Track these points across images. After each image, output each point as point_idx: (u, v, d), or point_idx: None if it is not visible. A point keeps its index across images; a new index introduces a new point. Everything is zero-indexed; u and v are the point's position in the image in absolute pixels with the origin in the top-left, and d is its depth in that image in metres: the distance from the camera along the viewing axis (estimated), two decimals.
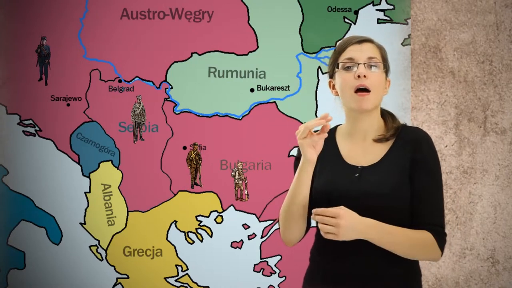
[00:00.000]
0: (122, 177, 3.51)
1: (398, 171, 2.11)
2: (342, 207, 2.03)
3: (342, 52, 2.17)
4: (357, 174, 2.12)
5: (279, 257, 3.54)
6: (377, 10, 3.55)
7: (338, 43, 2.22)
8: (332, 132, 2.24)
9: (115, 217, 3.52)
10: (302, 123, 3.52)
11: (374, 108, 2.15)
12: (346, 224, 2.00)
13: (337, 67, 2.15)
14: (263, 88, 3.55)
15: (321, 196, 2.12)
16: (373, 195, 2.07)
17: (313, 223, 2.18)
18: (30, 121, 3.50)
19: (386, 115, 2.22)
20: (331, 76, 2.21)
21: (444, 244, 2.12)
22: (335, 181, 2.12)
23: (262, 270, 3.54)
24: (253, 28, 3.54)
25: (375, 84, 2.13)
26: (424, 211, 2.10)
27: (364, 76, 2.11)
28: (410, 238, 2.06)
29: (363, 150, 2.16)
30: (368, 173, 2.11)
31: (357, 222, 2.02)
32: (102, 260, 3.51)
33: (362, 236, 2.02)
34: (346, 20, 3.54)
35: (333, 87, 2.21)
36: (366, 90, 2.12)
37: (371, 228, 2.03)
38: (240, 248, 3.55)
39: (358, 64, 2.12)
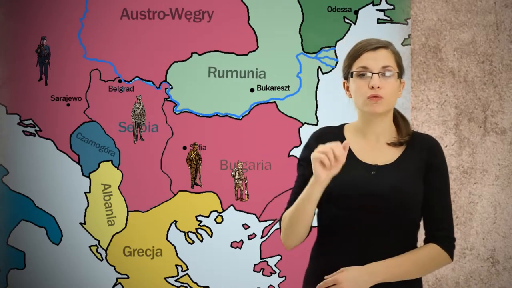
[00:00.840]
0: (122, 177, 3.51)
1: (413, 173, 2.13)
2: (341, 269, 2.05)
3: (357, 58, 2.15)
4: (374, 172, 2.13)
5: (279, 257, 3.54)
6: (377, 10, 3.55)
7: (354, 45, 2.20)
8: (340, 130, 2.23)
9: (115, 217, 3.52)
10: (302, 123, 3.52)
11: (386, 111, 2.16)
12: (350, 284, 2.03)
13: (351, 76, 2.15)
14: (263, 88, 3.54)
15: (336, 193, 2.11)
16: (390, 193, 2.08)
17: (314, 223, 2.18)
18: (30, 121, 3.49)
19: (399, 119, 2.22)
20: (346, 78, 2.20)
21: (453, 248, 2.15)
22: (350, 178, 2.11)
23: (262, 270, 3.54)
24: (253, 28, 3.54)
25: (388, 92, 2.13)
26: (434, 217, 2.14)
27: (378, 87, 2.11)
28: (416, 261, 2.10)
29: (377, 150, 2.17)
30: (384, 172, 2.12)
31: (359, 275, 2.04)
32: (102, 260, 3.51)
33: (373, 283, 2.05)
34: (346, 20, 3.54)
35: (348, 89, 2.20)
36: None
37: (376, 273, 2.06)
38: (240, 248, 3.54)
39: (372, 73, 2.12)
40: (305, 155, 2.16)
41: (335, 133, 2.20)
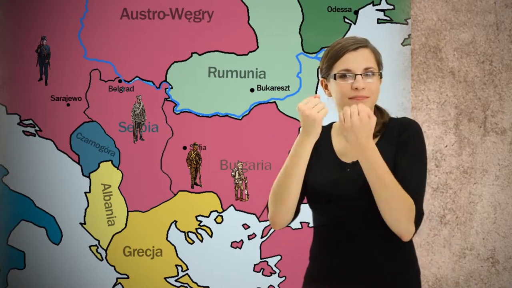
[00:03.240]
0: (122, 177, 3.52)
1: (387, 161, 2.10)
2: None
3: (338, 59, 2.15)
4: (348, 169, 2.13)
5: (279, 257, 3.54)
6: (377, 10, 3.55)
7: (332, 45, 2.18)
8: (328, 128, 2.27)
9: (115, 217, 3.52)
10: None
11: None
12: (361, 125, 2.01)
13: (334, 78, 2.15)
14: (263, 88, 3.55)
15: (313, 189, 2.16)
16: (363, 188, 2.08)
17: (312, 223, 2.18)
18: (30, 121, 3.50)
19: (375, 111, 2.22)
20: (324, 76, 2.21)
21: (419, 222, 2.08)
22: (326, 177, 2.15)
23: (262, 270, 3.54)
24: (253, 28, 3.54)
25: (372, 92, 2.14)
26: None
27: (363, 88, 2.11)
28: (396, 186, 2.03)
29: None
30: (357, 167, 2.11)
31: (368, 132, 2.02)
32: (102, 260, 3.51)
33: (363, 145, 2.01)
34: (346, 20, 3.54)
35: (326, 87, 2.21)
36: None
37: (373, 149, 2.02)
38: (240, 248, 3.55)
39: (356, 75, 2.12)
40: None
41: (324, 132, 2.21)
